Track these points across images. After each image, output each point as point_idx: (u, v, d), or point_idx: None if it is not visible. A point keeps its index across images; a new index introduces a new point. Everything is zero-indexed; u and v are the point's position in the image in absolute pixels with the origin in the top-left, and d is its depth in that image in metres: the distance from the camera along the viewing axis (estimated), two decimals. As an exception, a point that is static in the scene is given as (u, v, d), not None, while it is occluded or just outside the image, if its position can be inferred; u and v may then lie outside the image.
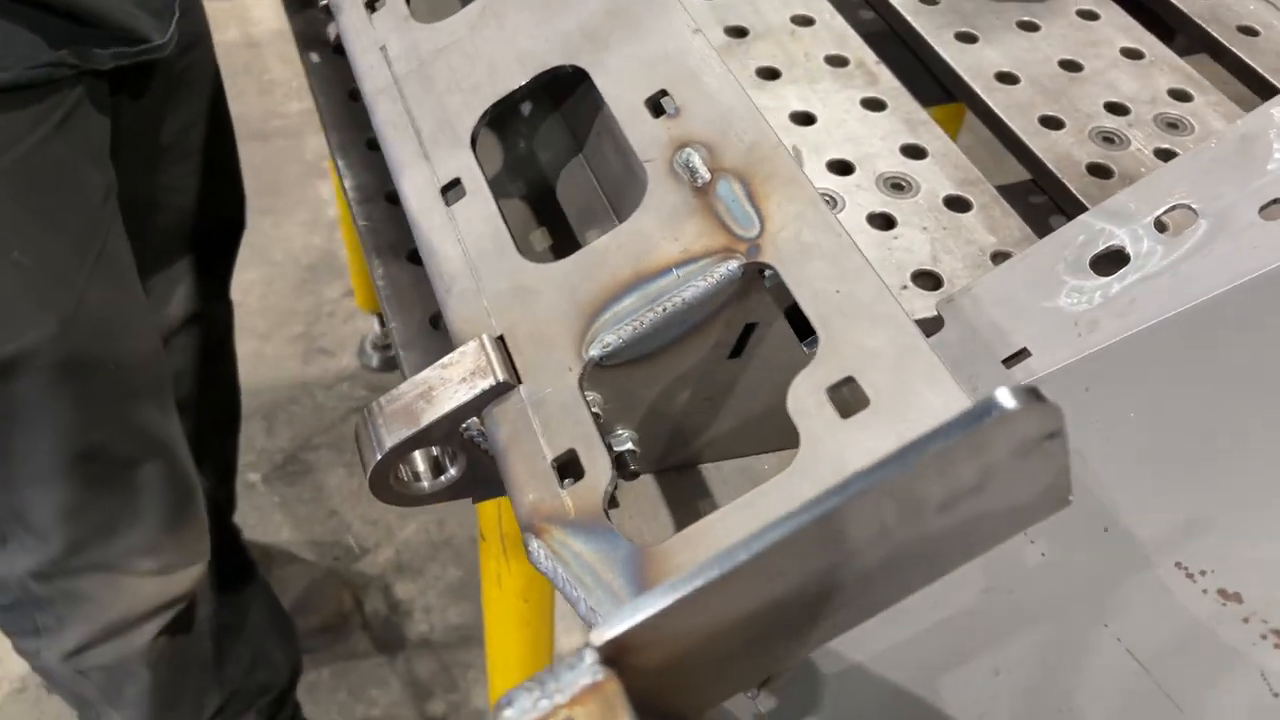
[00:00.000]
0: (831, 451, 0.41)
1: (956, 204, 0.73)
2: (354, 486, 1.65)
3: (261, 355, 1.81)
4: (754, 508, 0.41)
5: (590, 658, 0.26)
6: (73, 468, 0.87)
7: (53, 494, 0.89)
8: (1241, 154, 0.60)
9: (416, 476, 0.52)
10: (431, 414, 0.48)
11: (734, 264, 0.47)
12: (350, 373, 1.80)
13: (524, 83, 0.57)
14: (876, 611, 0.31)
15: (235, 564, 1.22)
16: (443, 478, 0.51)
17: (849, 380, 0.42)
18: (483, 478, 0.51)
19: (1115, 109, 0.80)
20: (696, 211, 0.49)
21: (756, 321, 0.50)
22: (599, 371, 0.48)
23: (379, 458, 0.49)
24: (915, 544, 0.28)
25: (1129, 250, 0.59)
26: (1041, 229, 0.73)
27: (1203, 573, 0.41)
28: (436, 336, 0.63)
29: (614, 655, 0.26)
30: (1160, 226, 0.59)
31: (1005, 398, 0.25)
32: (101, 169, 0.86)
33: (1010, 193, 0.83)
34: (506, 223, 0.54)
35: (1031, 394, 0.25)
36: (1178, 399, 0.51)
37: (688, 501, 0.55)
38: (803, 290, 0.45)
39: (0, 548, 0.92)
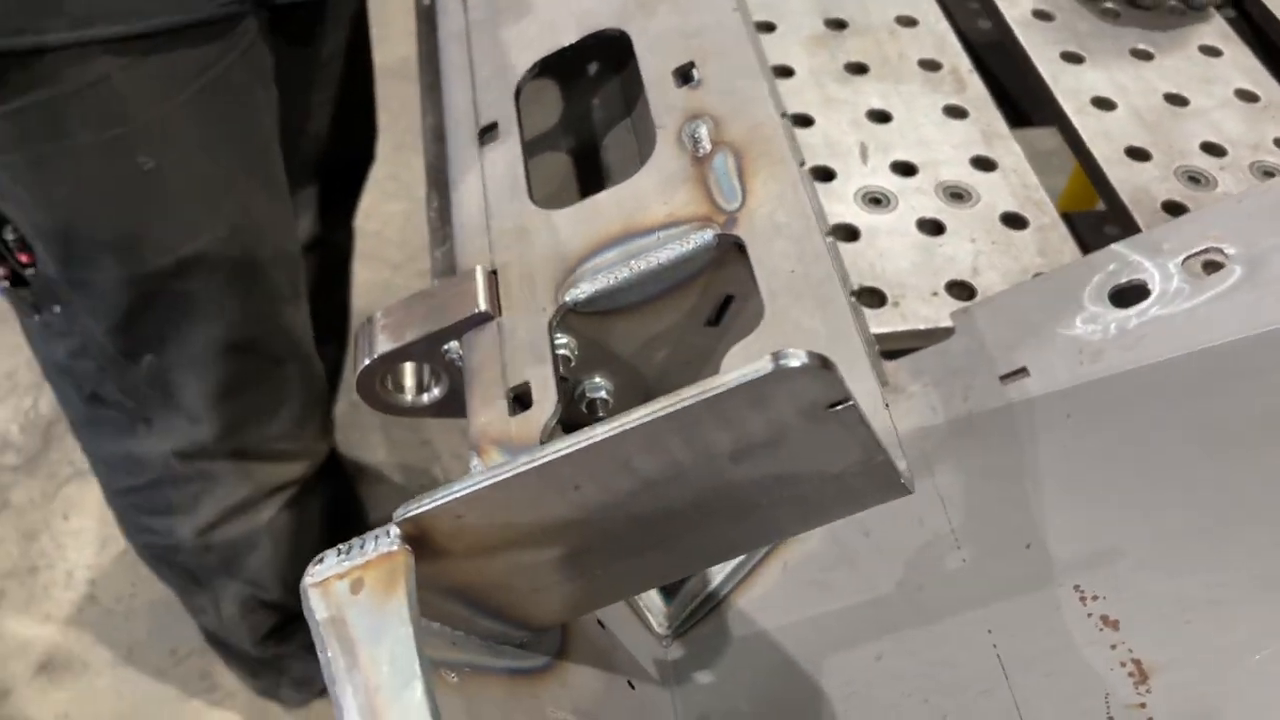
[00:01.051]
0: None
1: (1013, 221, 0.72)
2: (450, 421, 1.72)
3: (390, 284, 1.91)
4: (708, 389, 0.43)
5: (393, 532, 0.29)
6: (229, 359, 0.96)
7: (209, 381, 0.97)
8: (1282, 205, 0.58)
9: (402, 388, 0.56)
10: (416, 331, 0.52)
11: (709, 233, 0.49)
12: (468, 313, 1.87)
13: (573, 40, 0.60)
14: (709, 562, 0.33)
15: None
16: (424, 396, 0.55)
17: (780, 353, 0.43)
18: (463, 399, 0.55)
19: (1211, 149, 0.77)
20: (690, 180, 0.51)
21: (734, 294, 0.51)
22: (574, 317, 0.51)
23: (365, 363, 0.53)
24: (723, 491, 0.30)
25: (1152, 286, 0.58)
26: (1102, 259, 0.72)
27: (1094, 598, 0.41)
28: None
29: (414, 534, 0.29)
30: (1189, 268, 0.58)
31: (785, 358, 0.27)
32: (268, 92, 0.94)
33: (1086, 220, 0.81)
34: (527, 169, 0.57)
35: (814, 358, 0.27)
36: (1141, 439, 0.50)
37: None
38: (762, 266, 0.46)
39: (147, 428, 1.01)
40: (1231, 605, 0.43)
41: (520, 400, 0.49)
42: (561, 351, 0.51)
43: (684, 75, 0.55)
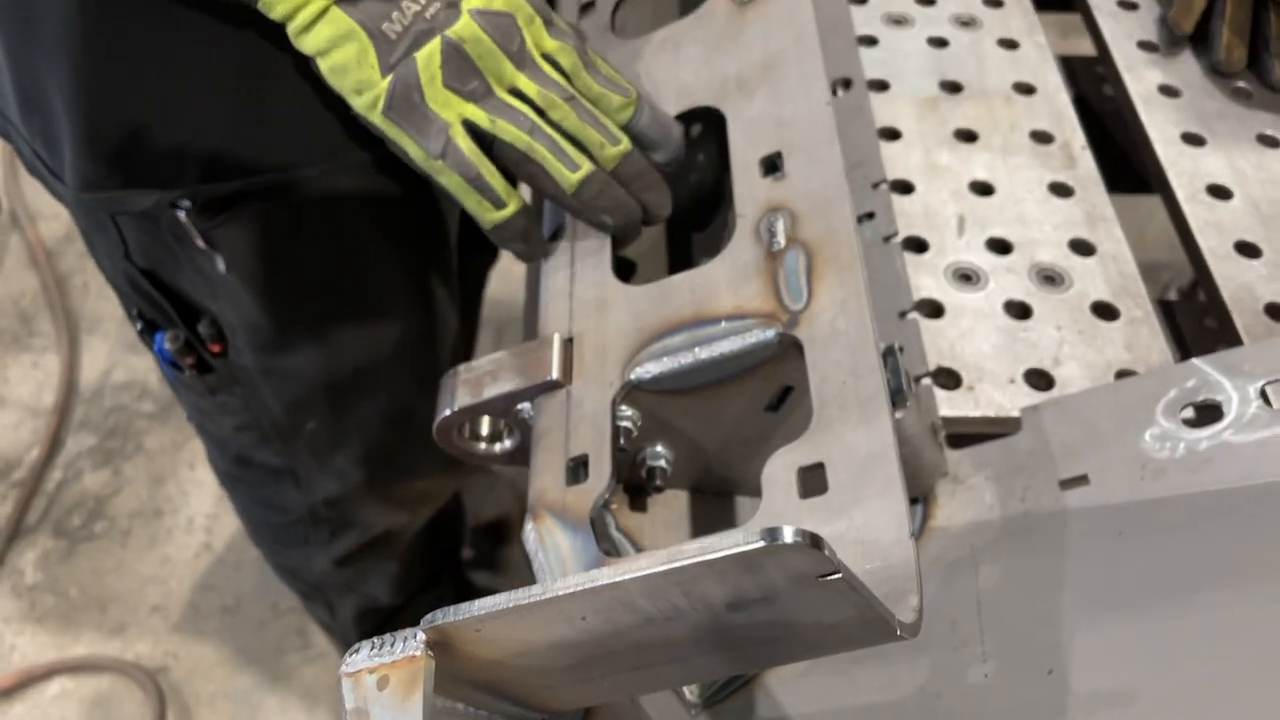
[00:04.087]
0: (779, 524, 0.44)
1: (1103, 311, 0.72)
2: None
3: (509, 273, 1.96)
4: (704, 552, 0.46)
5: (419, 637, 0.32)
6: (389, 425, 0.99)
7: (364, 445, 1.01)
8: (1382, 343, 0.56)
9: (478, 436, 0.59)
10: (493, 390, 0.55)
11: (771, 332, 0.51)
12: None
13: (674, 115, 0.63)
14: (712, 676, 0.35)
15: None
16: (496, 446, 0.59)
17: (819, 465, 0.45)
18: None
19: (1328, 251, 0.75)
20: (762, 273, 0.53)
21: (793, 385, 0.53)
22: (638, 393, 0.54)
23: (444, 415, 0.57)
24: (724, 630, 0.32)
25: (1228, 409, 0.58)
26: (1193, 355, 0.71)
27: (1099, 743, 0.42)
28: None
29: (438, 639, 0.32)
30: (1265, 395, 0.57)
31: (777, 535, 0.29)
32: None
33: (1186, 309, 0.80)
34: (620, 245, 0.60)
35: (805, 536, 0.29)
36: (1187, 572, 0.50)
37: (709, 524, 0.59)
38: (816, 372, 0.48)
39: (294, 483, 1.05)
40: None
41: (578, 470, 0.52)
42: (624, 423, 0.54)
43: (770, 165, 0.57)
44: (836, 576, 0.29)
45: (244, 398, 0.89)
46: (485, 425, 0.59)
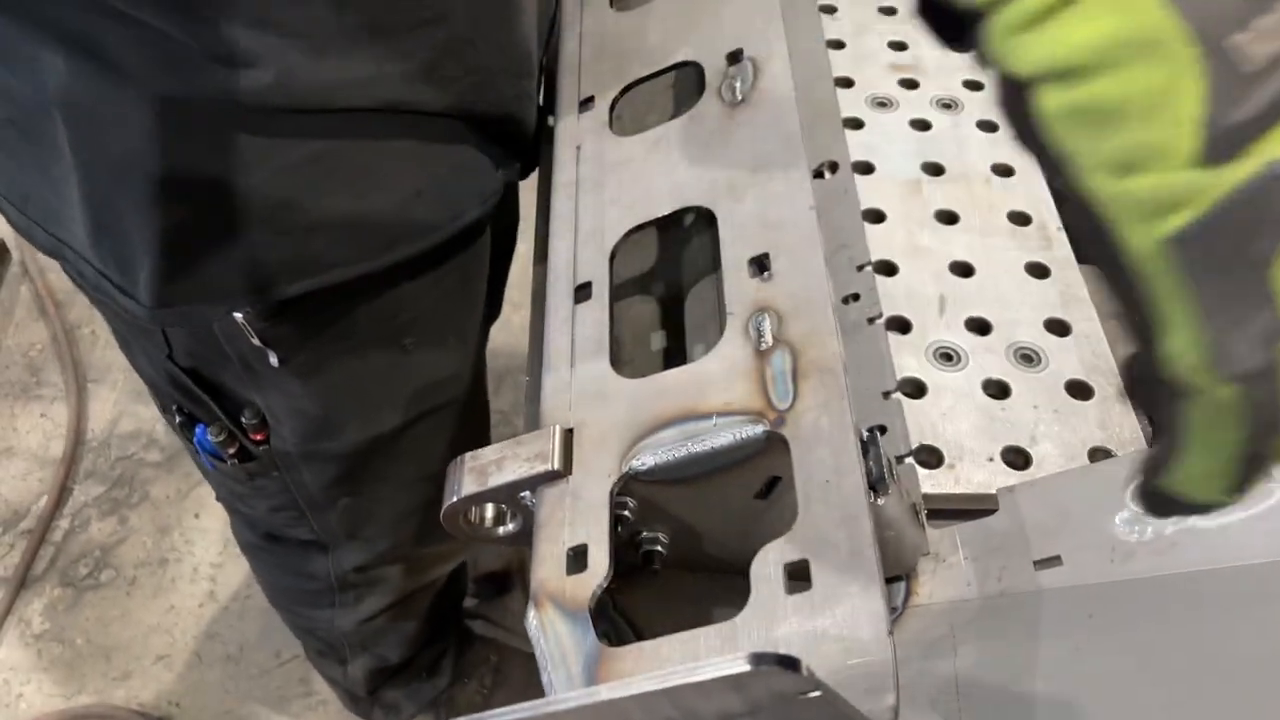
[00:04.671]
0: (764, 619, 0.48)
1: (1078, 390, 0.75)
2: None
3: (508, 322, 2.00)
4: (691, 643, 0.49)
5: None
6: (420, 490, 1.01)
7: (395, 512, 1.02)
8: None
9: (483, 520, 0.63)
10: (497, 479, 0.59)
11: (760, 429, 0.54)
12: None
13: (667, 213, 0.67)
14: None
15: None
16: (500, 529, 0.62)
17: (804, 561, 0.49)
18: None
19: (1292, 330, 0.79)
20: (751, 371, 0.56)
21: (781, 476, 0.57)
22: (634, 483, 0.57)
23: (451, 501, 0.60)
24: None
25: (1193, 494, 0.61)
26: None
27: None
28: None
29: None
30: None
31: (761, 660, 0.32)
32: (488, 247, 0.95)
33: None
34: (613, 332, 0.63)
35: (785, 661, 0.32)
36: (1153, 655, 0.53)
37: (702, 605, 0.62)
38: (801, 471, 0.51)
39: (322, 554, 1.07)
40: None
41: (578, 559, 0.55)
42: (622, 511, 0.57)
43: (759, 265, 0.60)
44: (816, 694, 0.33)
45: (282, 481, 0.92)
46: (490, 510, 0.63)
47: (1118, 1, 0.32)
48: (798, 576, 0.49)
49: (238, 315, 0.74)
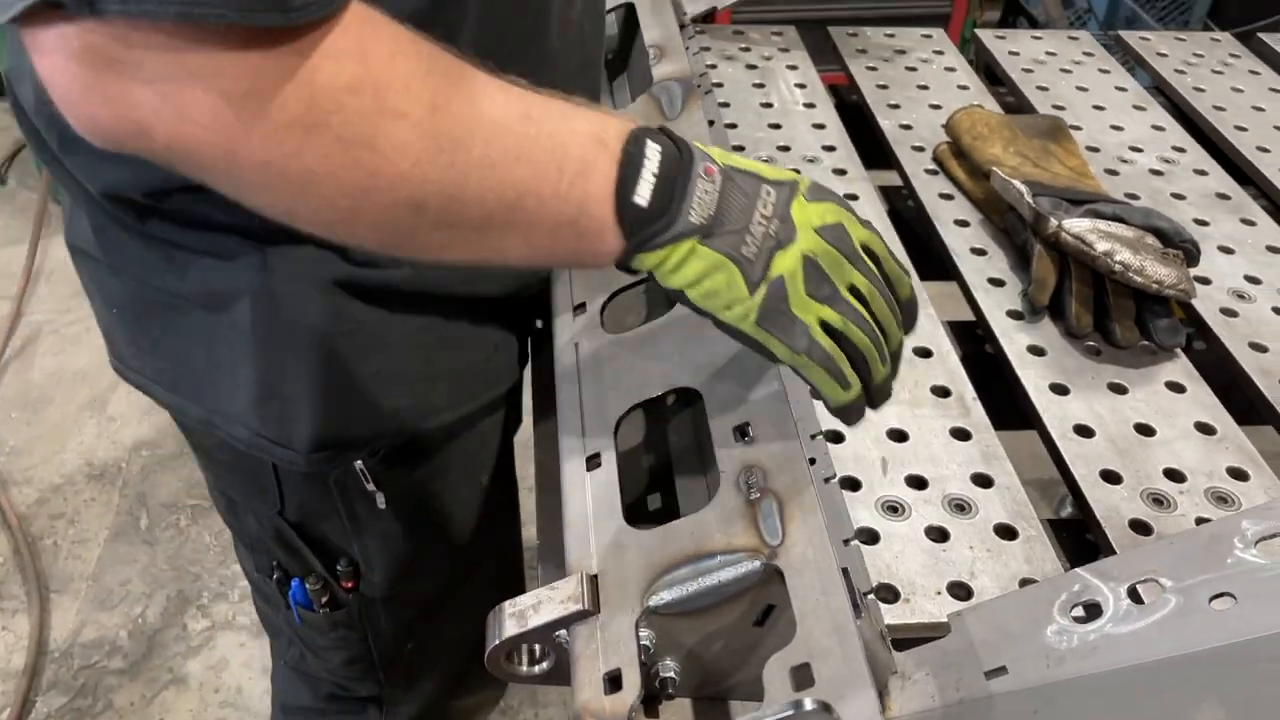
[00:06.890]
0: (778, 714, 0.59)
1: (1005, 532, 0.89)
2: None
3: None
4: (720, 739, 0.60)
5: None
6: (471, 642, 1.06)
7: (451, 662, 1.12)
8: (1208, 549, 0.74)
9: (522, 660, 0.73)
10: (536, 621, 0.70)
11: (757, 564, 0.66)
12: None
13: (658, 394, 0.81)
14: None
15: None
16: (537, 668, 0.72)
17: (807, 664, 0.60)
18: (567, 672, 0.72)
19: (1173, 475, 0.94)
20: (744, 517, 0.69)
21: (775, 604, 0.69)
22: (653, 616, 0.68)
23: (496, 643, 0.70)
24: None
25: (1105, 607, 0.74)
26: (1080, 564, 0.88)
27: None
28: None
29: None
30: (1134, 594, 0.74)
31: (802, 705, 0.43)
32: None
33: (1069, 526, 0.98)
34: (622, 493, 0.76)
35: (819, 704, 0.43)
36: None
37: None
38: (796, 594, 0.64)
39: (379, 712, 1.14)
40: None
41: (614, 682, 0.65)
42: (644, 642, 0.68)
43: (741, 432, 0.74)
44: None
45: (362, 630, 1.01)
46: (525, 651, 0.73)
47: None
48: (802, 676, 0.60)
49: (358, 463, 0.90)
